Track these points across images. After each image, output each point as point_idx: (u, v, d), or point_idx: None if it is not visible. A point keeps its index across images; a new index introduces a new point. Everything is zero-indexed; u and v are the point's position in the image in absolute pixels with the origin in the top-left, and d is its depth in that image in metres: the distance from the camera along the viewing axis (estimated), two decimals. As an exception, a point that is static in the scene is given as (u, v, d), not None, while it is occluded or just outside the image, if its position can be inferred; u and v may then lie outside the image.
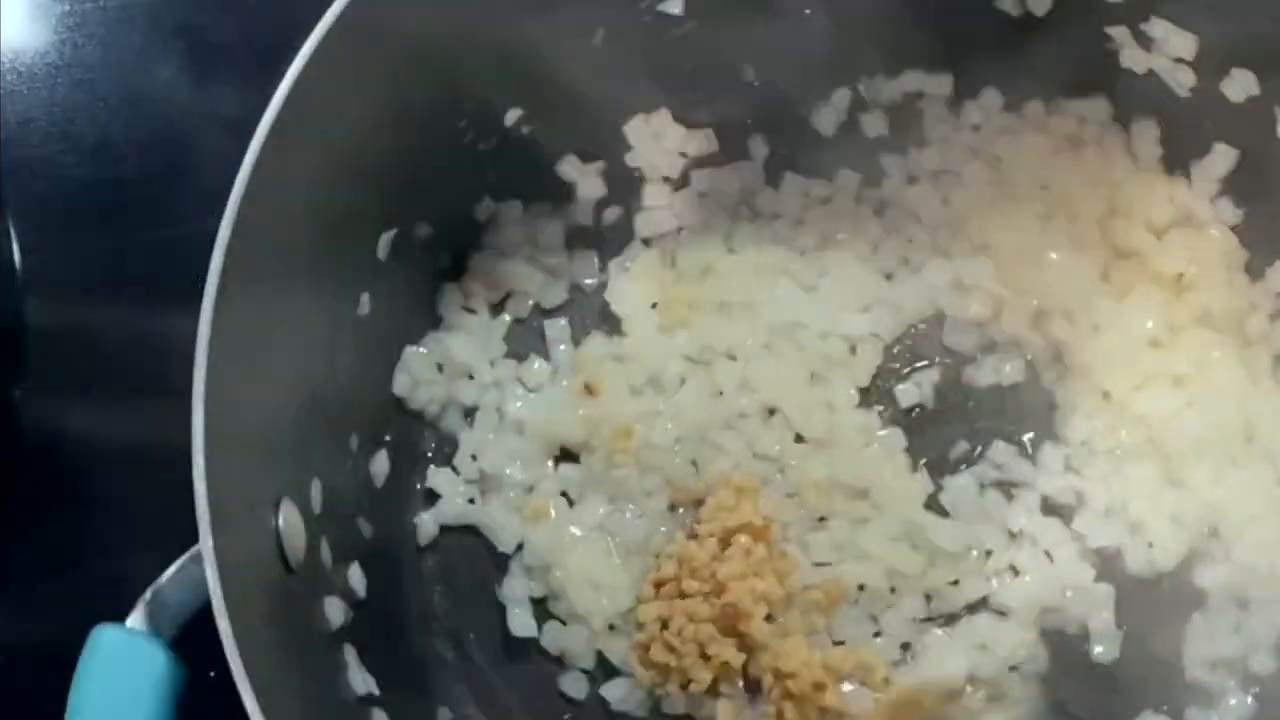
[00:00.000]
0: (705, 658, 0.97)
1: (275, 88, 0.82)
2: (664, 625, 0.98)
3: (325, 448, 0.96)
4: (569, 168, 1.08)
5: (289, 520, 0.86)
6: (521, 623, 1.01)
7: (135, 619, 0.78)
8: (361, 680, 0.92)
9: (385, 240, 0.98)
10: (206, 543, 0.75)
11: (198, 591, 0.77)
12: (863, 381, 1.05)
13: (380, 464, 1.02)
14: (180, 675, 0.78)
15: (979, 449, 1.04)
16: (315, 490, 0.92)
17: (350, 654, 0.93)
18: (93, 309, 0.91)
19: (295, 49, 0.82)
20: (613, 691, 1.00)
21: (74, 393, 1.04)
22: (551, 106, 1.03)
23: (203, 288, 0.78)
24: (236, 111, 0.78)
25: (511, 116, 1.03)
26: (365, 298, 0.98)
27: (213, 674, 0.75)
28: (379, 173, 0.94)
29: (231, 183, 0.80)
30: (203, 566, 0.76)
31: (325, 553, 0.93)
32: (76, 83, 1.12)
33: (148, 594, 0.79)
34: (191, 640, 0.80)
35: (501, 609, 1.02)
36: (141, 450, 0.80)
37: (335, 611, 0.92)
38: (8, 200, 1.07)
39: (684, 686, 0.97)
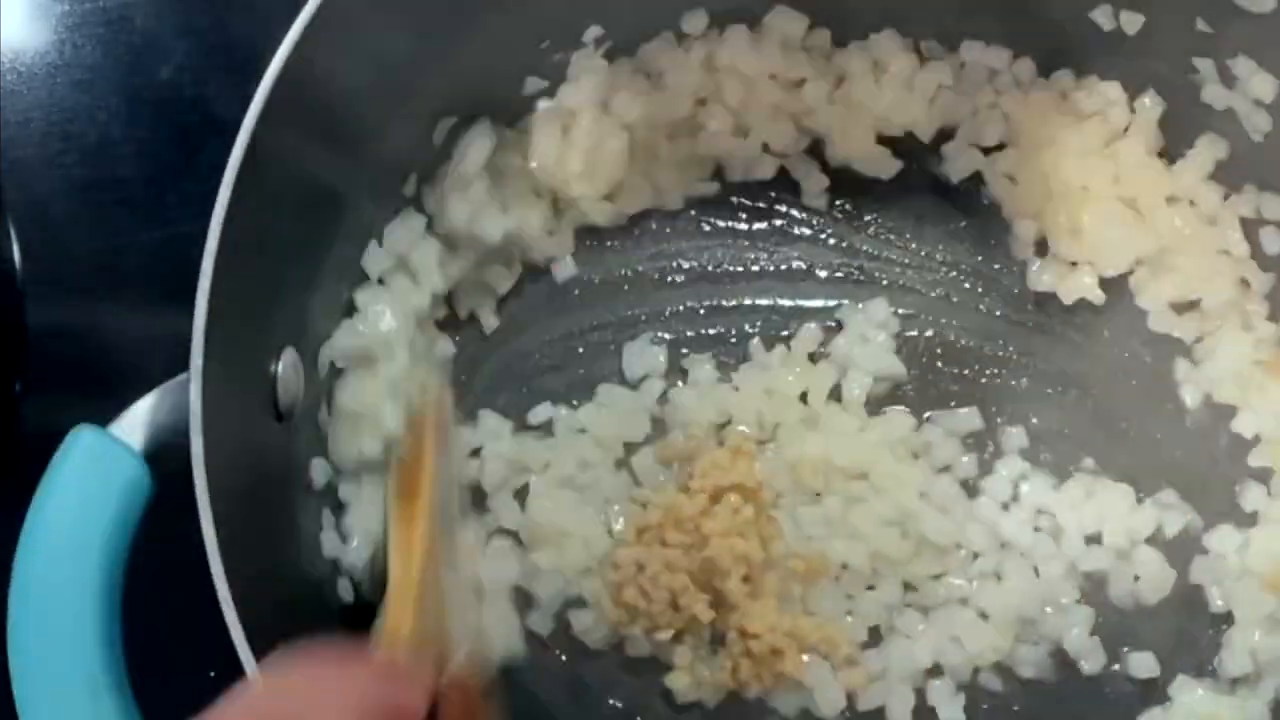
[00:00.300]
0: (676, 608, 0.97)
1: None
2: (640, 569, 0.98)
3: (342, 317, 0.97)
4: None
5: (288, 368, 0.87)
6: (497, 569, 1.01)
7: (116, 427, 0.79)
8: (332, 544, 0.93)
9: (444, 126, 0.99)
10: (196, 361, 0.76)
11: (183, 415, 0.77)
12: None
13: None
14: (149, 488, 0.79)
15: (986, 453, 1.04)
16: (325, 353, 0.94)
17: (327, 518, 0.93)
18: (93, 309, 0.91)
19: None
20: (579, 619, 1.00)
21: (74, 393, 1.04)
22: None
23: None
24: (236, 112, 0.78)
25: (590, 34, 1.03)
26: (413, 178, 1.00)
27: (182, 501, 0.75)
28: (446, 59, 0.96)
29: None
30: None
31: (324, 415, 0.94)
32: (76, 83, 1.12)
33: (133, 407, 0.80)
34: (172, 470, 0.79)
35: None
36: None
37: (320, 473, 0.93)
38: (8, 200, 1.07)
39: (649, 631, 0.98)
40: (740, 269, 1.08)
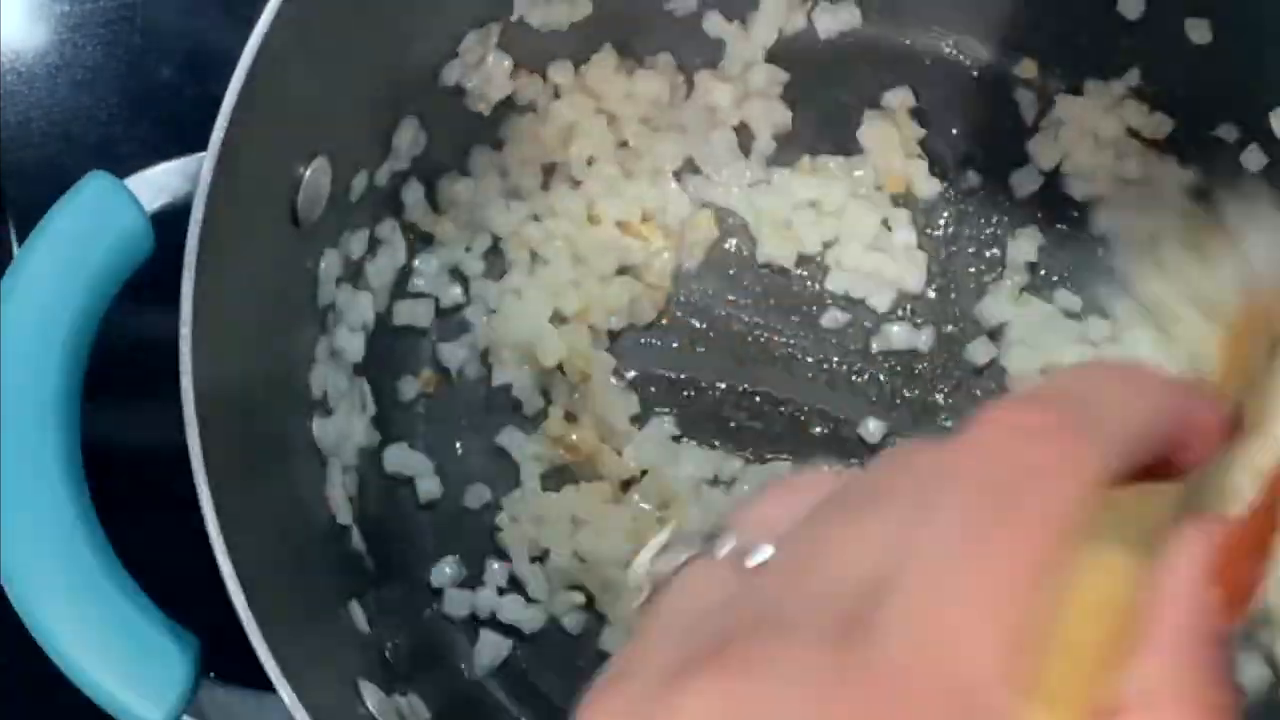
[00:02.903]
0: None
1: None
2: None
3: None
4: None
5: (316, 175, 0.87)
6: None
7: (131, 181, 0.81)
8: (321, 380, 0.93)
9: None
10: (217, 134, 0.77)
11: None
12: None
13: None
14: (148, 248, 0.80)
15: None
16: (360, 180, 0.94)
17: (322, 349, 0.94)
18: None
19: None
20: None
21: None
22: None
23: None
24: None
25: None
26: (495, 26, 0.98)
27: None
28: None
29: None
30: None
31: (350, 244, 0.95)
32: (76, 83, 1.10)
33: (150, 169, 0.81)
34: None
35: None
36: (143, 452, 0.81)
37: (327, 294, 0.93)
38: (8, 200, 1.07)
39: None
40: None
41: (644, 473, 1.00)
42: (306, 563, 0.90)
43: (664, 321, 1.04)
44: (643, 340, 1.04)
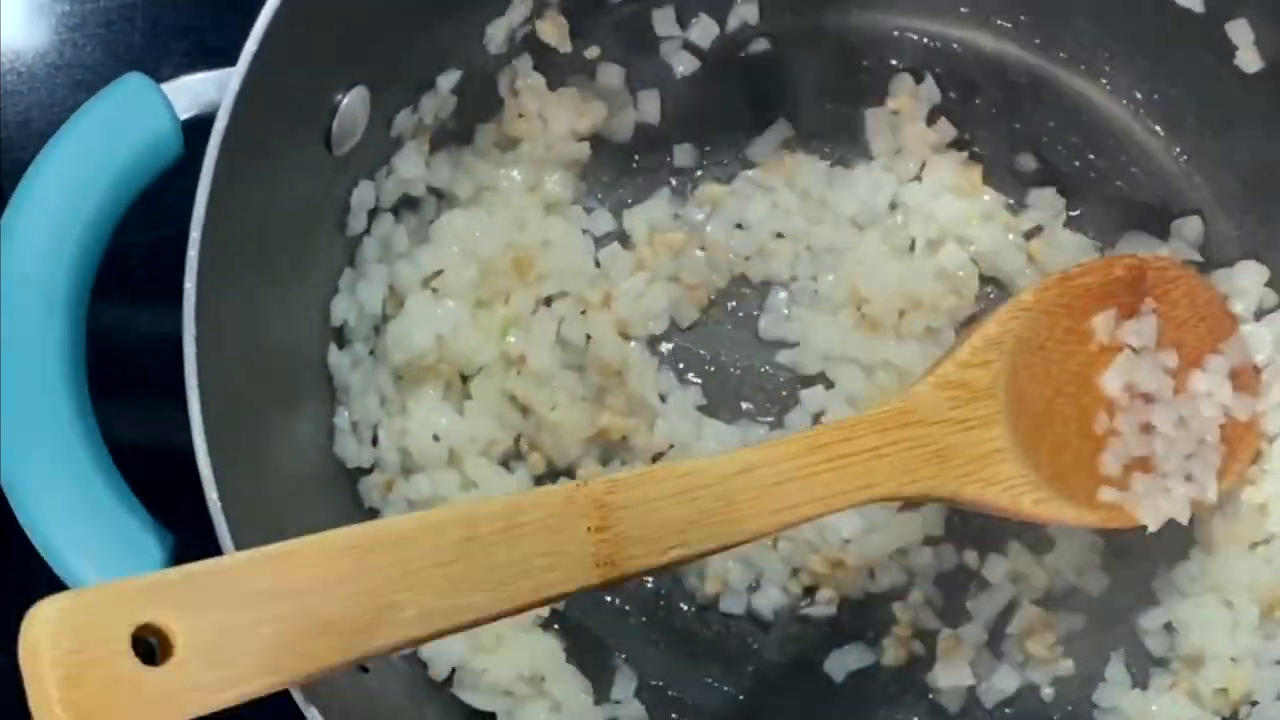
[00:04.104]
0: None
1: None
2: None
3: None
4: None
5: (354, 103, 0.87)
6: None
7: (168, 86, 0.82)
8: (344, 310, 0.94)
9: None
10: (249, 48, 0.78)
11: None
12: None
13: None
14: (177, 150, 0.82)
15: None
16: (403, 117, 0.94)
17: (346, 278, 0.94)
18: (92, 309, 0.85)
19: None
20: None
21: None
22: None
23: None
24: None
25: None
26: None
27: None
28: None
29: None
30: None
31: (383, 175, 0.95)
32: (76, 83, 1.11)
33: (190, 76, 0.83)
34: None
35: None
36: (142, 452, 0.80)
37: (359, 221, 0.94)
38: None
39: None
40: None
41: (670, 446, 1.01)
42: (299, 492, 0.90)
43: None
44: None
